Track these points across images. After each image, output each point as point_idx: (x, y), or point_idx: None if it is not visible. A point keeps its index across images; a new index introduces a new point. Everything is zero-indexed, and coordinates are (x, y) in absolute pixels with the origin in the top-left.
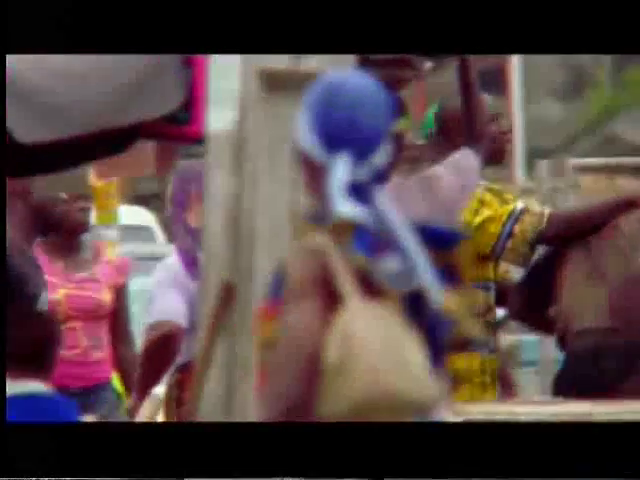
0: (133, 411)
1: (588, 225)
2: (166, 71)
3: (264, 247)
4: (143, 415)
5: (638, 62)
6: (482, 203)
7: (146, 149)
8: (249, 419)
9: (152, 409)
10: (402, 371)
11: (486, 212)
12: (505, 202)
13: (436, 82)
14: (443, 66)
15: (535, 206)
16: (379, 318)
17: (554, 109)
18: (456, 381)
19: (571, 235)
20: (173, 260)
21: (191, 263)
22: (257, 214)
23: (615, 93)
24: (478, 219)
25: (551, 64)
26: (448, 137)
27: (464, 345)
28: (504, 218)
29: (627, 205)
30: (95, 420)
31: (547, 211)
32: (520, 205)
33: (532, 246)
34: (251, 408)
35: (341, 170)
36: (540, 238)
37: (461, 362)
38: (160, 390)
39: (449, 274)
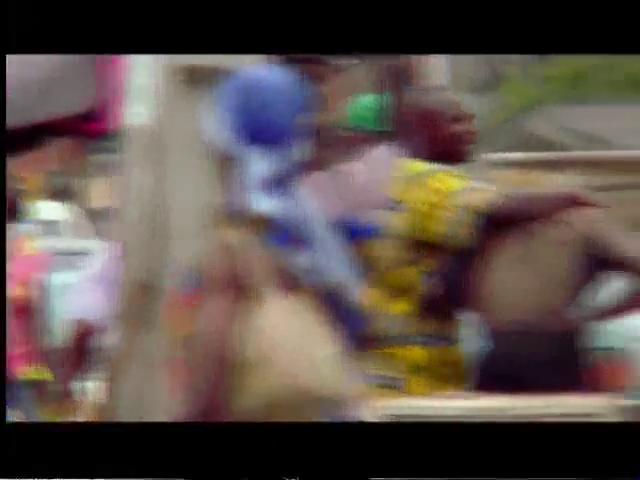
0: (70, 408)
1: (535, 212)
2: (78, 69)
3: (181, 242)
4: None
5: (551, 58)
6: (441, 182)
7: (58, 145)
8: (164, 416)
9: (91, 411)
10: (314, 367)
11: (444, 188)
12: (462, 180)
13: (357, 76)
14: (363, 61)
15: (489, 187)
16: (293, 313)
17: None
18: (413, 372)
19: (521, 218)
20: (102, 255)
21: None
22: (174, 209)
23: (530, 89)
24: (437, 197)
25: (468, 60)
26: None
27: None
28: (459, 191)
29: (570, 201)
30: (19, 416)
31: (502, 192)
32: (476, 183)
33: (480, 220)
34: (166, 405)
35: (257, 165)
36: (493, 214)
37: (417, 353)
38: (91, 386)
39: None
